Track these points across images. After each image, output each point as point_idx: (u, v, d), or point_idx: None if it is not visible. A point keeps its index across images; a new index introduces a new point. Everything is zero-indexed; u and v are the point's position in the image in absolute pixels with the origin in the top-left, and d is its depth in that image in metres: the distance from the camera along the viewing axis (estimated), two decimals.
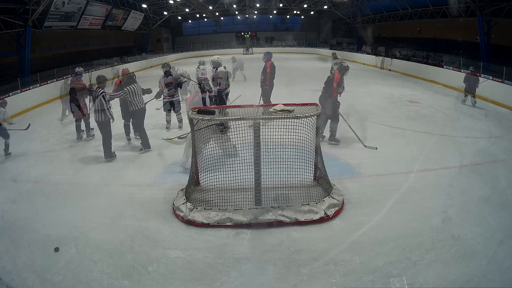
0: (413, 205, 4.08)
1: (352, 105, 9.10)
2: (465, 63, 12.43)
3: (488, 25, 14.68)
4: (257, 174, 3.91)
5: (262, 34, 34.58)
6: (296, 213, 3.84)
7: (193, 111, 4.02)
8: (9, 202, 4.45)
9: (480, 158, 5.52)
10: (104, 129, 5.68)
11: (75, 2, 16.90)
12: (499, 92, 9.80)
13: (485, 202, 4.12)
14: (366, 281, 2.94)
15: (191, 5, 27.11)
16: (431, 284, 2.89)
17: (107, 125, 5.67)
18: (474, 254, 3.22)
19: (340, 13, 27.63)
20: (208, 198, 4.09)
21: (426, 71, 14.66)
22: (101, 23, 20.75)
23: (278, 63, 8.51)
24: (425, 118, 8.03)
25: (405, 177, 4.85)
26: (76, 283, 2.96)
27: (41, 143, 7.03)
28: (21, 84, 11.05)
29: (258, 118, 3.85)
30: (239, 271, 3.07)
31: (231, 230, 3.71)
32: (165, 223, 3.88)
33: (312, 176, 4.42)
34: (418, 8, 19.47)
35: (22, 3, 13.52)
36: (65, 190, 4.75)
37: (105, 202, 4.36)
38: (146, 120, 6.23)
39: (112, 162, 5.74)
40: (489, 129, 7.16)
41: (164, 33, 32.29)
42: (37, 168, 5.65)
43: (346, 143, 6.19)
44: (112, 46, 24.01)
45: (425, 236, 3.49)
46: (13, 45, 14.19)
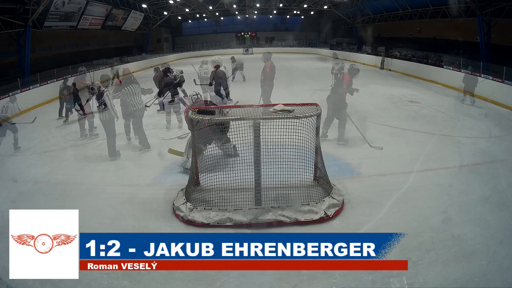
0: (413, 205, 4.08)
1: (352, 105, 9.07)
2: (465, 63, 12.42)
3: (488, 25, 14.67)
4: (257, 174, 3.91)
5: (262, 34, 34.53)
6: (296, 213, 3.84)
7: (193, 111, 4.02)
8: (9, 202, 4.45)
9: (480, 158, 5.52)
10: (108, 128, 5.69)
11: (75, 2, 16.90)
12: (499, 92, 9.79)
13: (485, 202, 4.12)
14: (366, 281, 2.95)
15: (191, 5, 27.10)
16: (431, 284, 2.89)
17: (112, 123, 5.67)
18: (474, 254, 3.22)
19: (340, 13, 27.61)
20: (208, 198, 4.08)
21: (426, 71, 14.65)
22: (101, 23, 20.74)
23: (278, 63, 8.53)
24: (425, 118, 8.03)
25: (405, 177, 4.85)
26: (76, 283, 2.96)
27: (41, 143, 7.03)
28: (21, 84, 11.05)
29: (258, 118, 3.85)
30: (239, 271, 3.07)
31: (231, 230, 3.71)
32: (165, 223, 3.88)
33: (312, 176, 4.42)
34: (418, 8, 19.46)
35: (22, 3, 13.52)
36: (65, 190, 4.75)
37: (105, 202, 4.36)
38: (147, 120, 6.24)
39: (112, 162, 5.74)
40: (489, 129, 7.16)
41: (164, 33, 32.25)
42: (37, 168, 5.65)
43: (346, 143, 6.19)
44: (112, 46, 23.98)
45: (425, 236, 3.49)
46: (13, 45, 14.18)
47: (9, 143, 6.51)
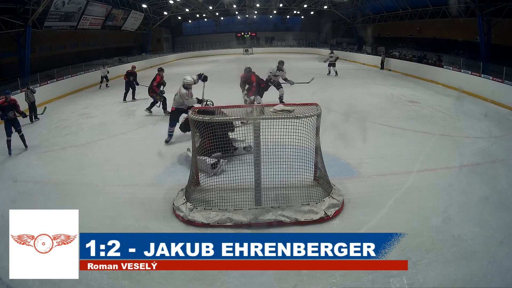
0: (413, 205, 4.09)
1: (352, 105, 9.12)
2: (465, 63, 12.43)
3: (488, 25, 14.67)
4: (257, 174, 3.91)
5: (262, 34, 34.52)
6: (296, 213, 3.84)
7: (193, 111, 4.03)
8: (9, 202, 4.45)
9: (480, 158, 5.51)
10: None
11: (75, 2, 16.90)
12: (499, 92, 9.79)
13: (485, 202, 4.12)
14: (366, 281, 2.95)
15: (191, 5, 27.11)
16: (431, 284, 2.89)
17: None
18: (474, 254, 3.22)
19: (340, 13, 27.61)
20: (208, 198, 4.09)
21: (426, 71, 14.65)
22: (101, 23, 20.75)
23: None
24: (425, 118, 8.03)
25: (405, 177, 4.85)
26: (76, 283, 2.96)
27: (41, 143, 7.03)
28: (21, 84, 11.03)
29: (258, 118, 3.85)
30: (239, 271, 3.07)
31: (231, 230, 3.71)
32: (165, 223, 3.89)
33: (312, 176, 4.42)
34: (418, 8, 19.46)
35: (22, 3, 13.52)
36: (65, 190, 4.76)
37: (105, 202, 4.36)
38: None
39: (112, 162, 5.74)
40: (489, 129, 7.15)
41: (164, 33, 32.25)
42: (37, 168, 5.65)
43: (346, 143, 6.19)
44: (112, 46, 23.97)
45: (425, 236, 3.49)
46: (13, 45, 14.18)
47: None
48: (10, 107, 6.42)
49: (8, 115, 6.32)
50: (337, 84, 13.12)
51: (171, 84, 9.05)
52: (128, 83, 10.64)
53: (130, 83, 10.65)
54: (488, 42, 14.83)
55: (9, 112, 6.35)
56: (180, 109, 6.37)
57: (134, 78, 10.67)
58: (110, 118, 8.69)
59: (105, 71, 14.27)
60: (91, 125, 8.12)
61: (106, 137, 7.01)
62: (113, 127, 6.48)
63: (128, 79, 10.62)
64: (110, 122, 8.26)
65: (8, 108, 6.38)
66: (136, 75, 10.84)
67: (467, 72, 11.81)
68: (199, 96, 6.49)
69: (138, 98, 10.53)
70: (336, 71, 14.86)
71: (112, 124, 8.10)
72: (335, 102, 9.38)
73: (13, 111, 6.44)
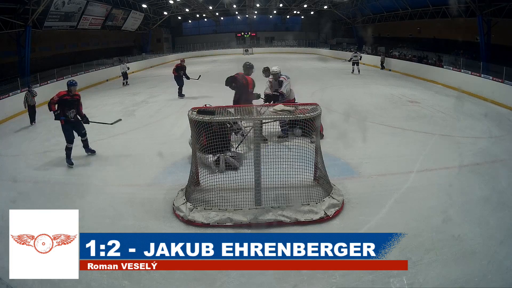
0: (413, 205, 4.08)
1: (352, 105, 9.12)
2: (465, 63, 12.43)
3: (488, 25, 14.68)
4: (257, 174, 3.91)
5: (262, 34, 34.55)
6: (296, 213, 3.84)
7: (193, 111, 4.03)
8: (9, 202, 4.45)
9: (480, 158, 5.51)
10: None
11: (75, 2, 16.91)
12: (499, 92, 9.79)
13: (485, 202, 4.12)
14: (366, 281, 2.95)
15: (191, 5, 27.12)
16: (431, 284, 2.89)
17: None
18: (474, 254, 3.22)
19: (340, 13, 27.63)
20: (208, 198, 4.08)
21: (426, 71, 14.65)
22: (101, 23, 20.76)
23: (278, 63, 8.56)
24: (425, 118, 8.03)
25: (405, 177, 4.84)
26: (76, 283, 2.96)
27: (41, 143, 7.03)
28: (21, 84, 11.03)
29: (258, 118, 3.86)
30: (239, 271, 3.07)
31: (231, 230, 3.71)
32: (165, 223, 3.88)
33: (312, 176, 4.42)
34: (418, 8, 19.48)
35: (22, 3, 13.53)
36: (65, 190, 4.75)
37: (105, 202, 4.36)
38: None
39: (112, 162, 5.74)
40: (489, 129, 7.15)
41: (164, 33, 32.28)
42: (37, 168, 5.65)
43: (346, 143, 6.19)
44: (112, 46, 24.01)
45: (425, 236, 3.49)
46: (13, 45, 14.20)
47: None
48: (72, 103, 5.09)
49: (67, 114, 4.97)
50: (337, 84, 13.13)
51: (171, 84, 9.03)
52: (178, 77, 10.13)
53: (180, 77, 10.12)
54: (488, 42, 14.85)
55: (70, 110, 5.01)
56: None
57: (184, 72, 10.16)
58: (110, 118, 8.68)
59: (124, 67, 13.85)
60: (91, 125, 8.10)
61: (106, 137, 7.01)
62: (113, 127, 6.47)
63: (178, 74, 10.11)
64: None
65: (69, 104, 5.02)
66: (185, 68, 10.27)
67: (467, 72, 11.82)
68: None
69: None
70: (359, 70, 15.91)
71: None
72: (335, 102, 9.39)
73: (74, 111, 5.13)
